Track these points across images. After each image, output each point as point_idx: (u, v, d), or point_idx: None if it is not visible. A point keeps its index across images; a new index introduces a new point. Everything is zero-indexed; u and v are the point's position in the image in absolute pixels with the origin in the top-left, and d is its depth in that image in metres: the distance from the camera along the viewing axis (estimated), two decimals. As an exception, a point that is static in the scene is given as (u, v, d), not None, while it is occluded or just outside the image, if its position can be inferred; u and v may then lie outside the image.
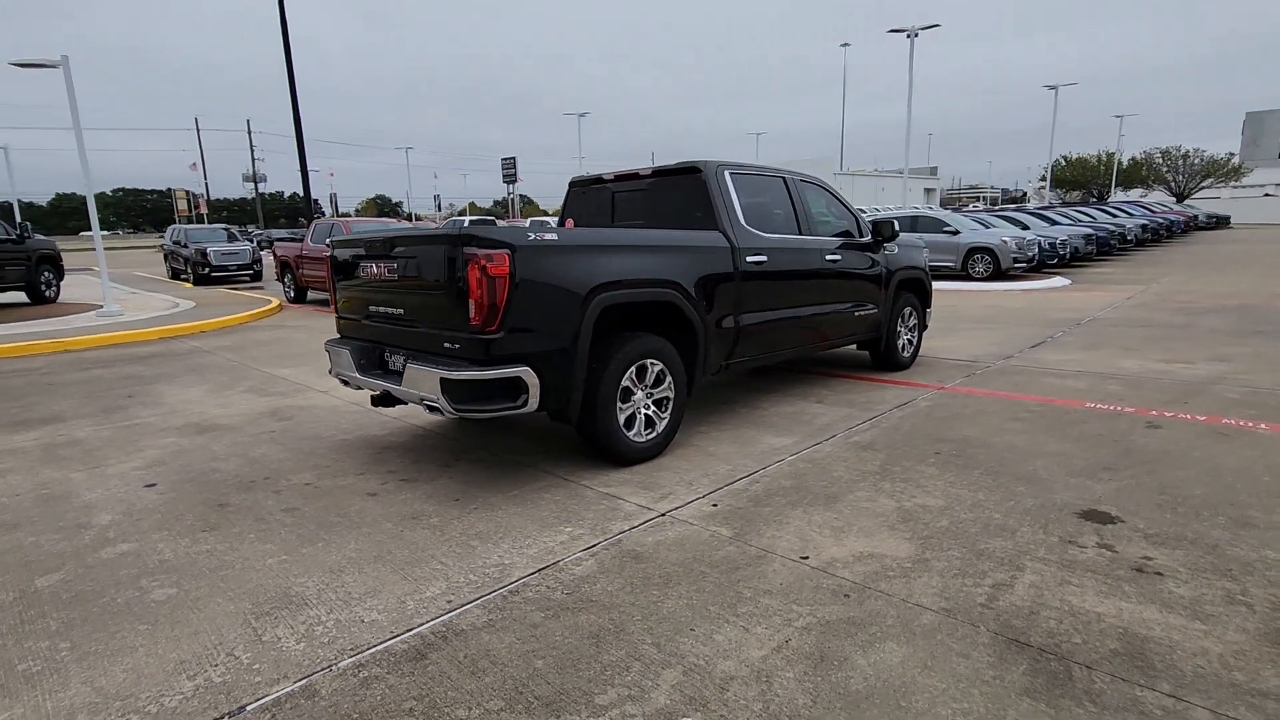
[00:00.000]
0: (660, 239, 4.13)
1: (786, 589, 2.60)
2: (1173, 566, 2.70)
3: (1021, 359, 6.78)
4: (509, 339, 3.35)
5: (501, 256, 3.27)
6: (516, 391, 3.40)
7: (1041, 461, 3.91)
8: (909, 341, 6.51)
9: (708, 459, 4.09)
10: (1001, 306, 10.95)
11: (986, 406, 5.09)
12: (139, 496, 3.69)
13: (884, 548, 2.92)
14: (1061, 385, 5.67)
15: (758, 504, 3.41)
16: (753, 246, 4.64)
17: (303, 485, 3.80)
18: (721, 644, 2.26)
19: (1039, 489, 3.51)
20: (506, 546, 3.00)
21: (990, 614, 2.40)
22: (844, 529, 3.10)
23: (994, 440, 4.30)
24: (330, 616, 2.48)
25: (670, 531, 3.12)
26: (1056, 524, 3.11)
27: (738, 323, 4.55)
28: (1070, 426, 4.54)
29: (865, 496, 3.46)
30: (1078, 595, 2.51)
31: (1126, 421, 4.63)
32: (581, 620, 2.42)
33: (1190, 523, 3.08)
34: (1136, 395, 5.28)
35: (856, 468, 3.88)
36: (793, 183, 5.26)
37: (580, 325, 3.56)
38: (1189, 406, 4.93)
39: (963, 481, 3.63)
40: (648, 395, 4.04)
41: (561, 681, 2.09)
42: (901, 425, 4.67)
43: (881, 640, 2.27)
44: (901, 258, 6.22)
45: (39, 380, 6.86)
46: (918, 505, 3.35)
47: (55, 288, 13.79)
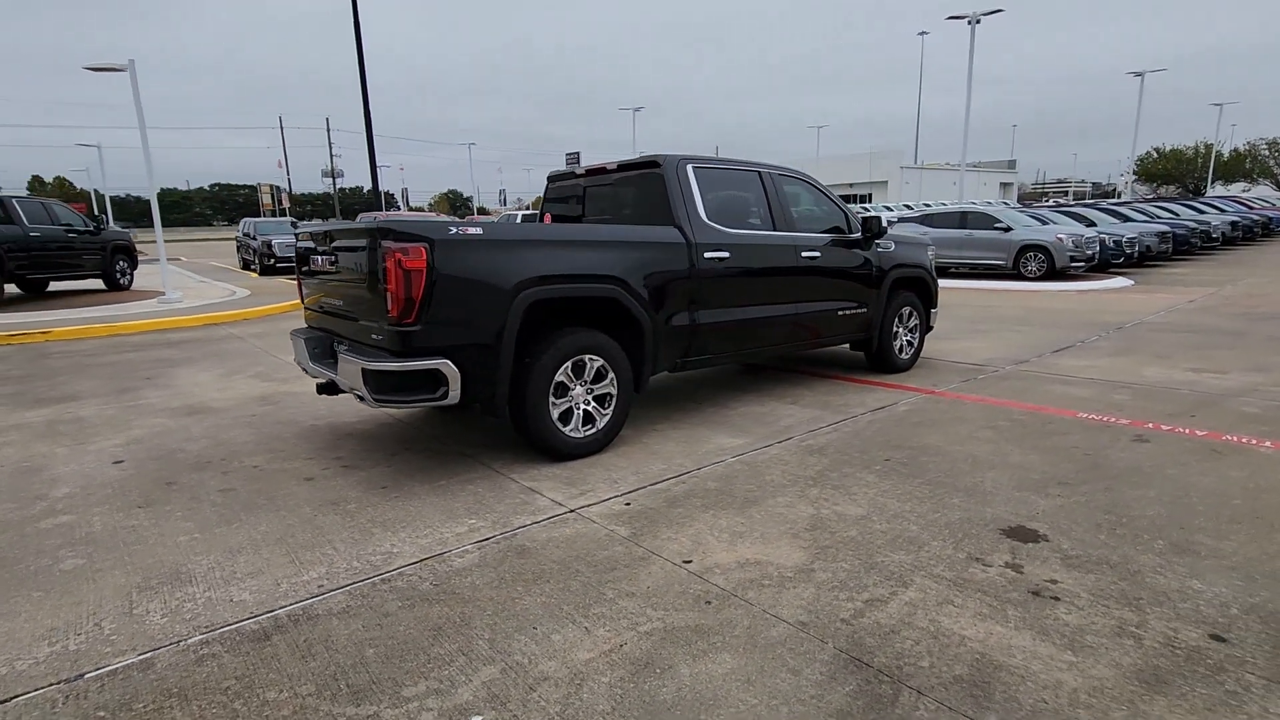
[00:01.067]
0: (600, 234, 4.09)
1: (651, 592, 2.55)
2: (1075, 591, 2.50)
3: (1036, 364, 6.40)
4: (427, 331, 3.40)
5: (418, 250, 3.32)
6: (436, 384, 3.44)
7: (995, 473, 3.68)
8: (908, 343, 6.24)
9: (648, 457, 4.04)
10: (1044, 308, 10.35)
11: (967, 413, 4.83)
12: (103, 472, 3.94)
13: (775, 555, 2.82)
14: (1063, 393, 5.32)
15: (672, 505, 3.35)
16: (713, 243, 4.54)
17: (250, 468, 3.97)
18: (555, 644, 2.24)
19: (975, 502, 3.31)
20: (404, 535, 3.06)
21: (847, 630, 2.29)
22: (744, 535, 3.01)
23: (955, 449, 4.08)
24: (205, 594, 2.59)
25: (569, 528, 3.10)
26: (972, 540, 2.92)
27: (694, 320, 4.47)
28: (1047, 437, 4.26)
29: (785, 502, 3.35)
30: (953, 616, 2.36)
31: (1112, 434, 4.30)
32: (433, 612, 2.44)
33: (1122, 545, 2.84)
34: (1141, 406, 4.90)
35: (794, 472, 3.75)
36: (770, 178, 5.12)
37: (505, 320, 3.58)
38: (1195, 420, 4.54)
39: (897, 491, 3.46)
40: (588, 391, 4.02)
41: (380, 671, 2.12)
42: (865, 430, 4.49)
43: (718, 650, 2.19)
44: (898, 255, 5.96)
45: (79, 361, 7.40)
46: (835, 513, 3.21)
47: (129, 276, 14.82)
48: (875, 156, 46.50)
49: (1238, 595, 2.45)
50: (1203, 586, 2.52)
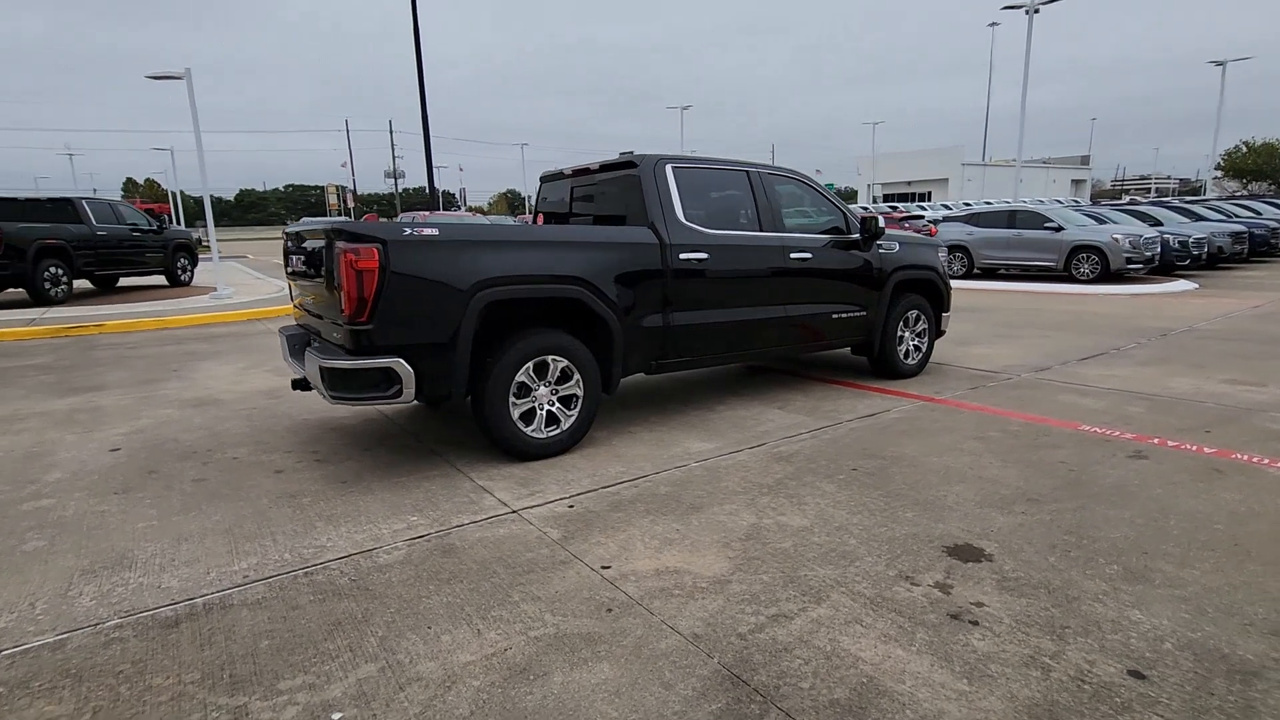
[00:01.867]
0: (564, 235, 4.09)
1: (557, 597, 2.53)
2: (998, 616, 2.36)
3: (1057, 372, 6.07)
4: (380, 330, 3.47)
5: (370, 251, 3.38)
6: (389, 382, 3.51)
7: (963, 487, 3.51)
8: (915, 348, 6.01)
9: (611, 459, 4.02)
10: (1089, 312, 9.82)
11: (960, 423, 4.62)
12: (96, 460, 4.17)
13: (697, 564, 2.76)
14: (1073, 404, 5.03)
15: (615, 509, 3.32)
16: (690, 243, 4.48)
17: (230, 459, 4.14)
18: (442, 645, 2.25)
19: (929, 517, 3.16)
20: (343, 530, 3.12)
21: (739, 646, 2.22)
22: (674, 542, 2.96)
23: (931, 460, 3.91)
24: (138, 580, 2.70)
25: (503, 529, 3.11)
26: (910, 556, 2.79)
27: (668, 322, 4.42)
28: (1036, 450, 4.04)
29: (729, 510, 3.28)
30: (855, 636, 2.26)
31: (1108, 449, 4.04)
32: (340, 607, 2.49)
33: (1070, 569, 2.66)
34: (1153, 420, 4.59)
35: (753, 479, 3.67)
36: (758, 177, 5.01)
37: (461, 320, 3.61)
38: (1208, 436, 4.23)
39: (852, 502, 3.34)
40: (553, 392, 4.03)
41: (266, 663, 2.17)
42: (845, 438, 4.35)
43: (600, 660, 2.16)
44: (903, 257, 5.75)
45: (121, 353, 7.86)
46: (776, 524, 3.12)
47: (189, 272, 15.65)
48: (935, 153, 44.99)
49: (1178, 628, 2.27)
50: (1142, 617, 2.34)
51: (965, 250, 14.78)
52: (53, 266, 12.00)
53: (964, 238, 14.82)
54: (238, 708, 1.97)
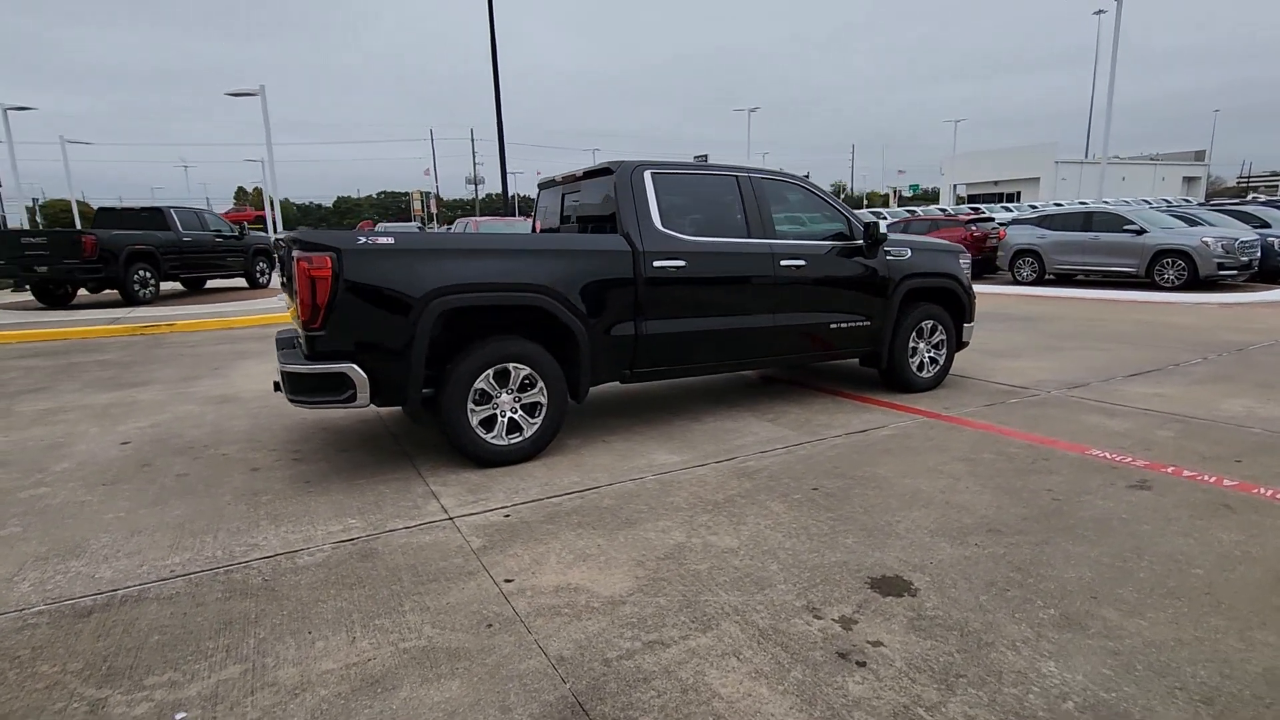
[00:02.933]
0: (527, 243, 4.08)
1: (447, 608, 2.52)
2: (891, 659, 2.17)
3: (1094, 389, 5.60)
4: (334, 336, 3.56)
5: (323, 259, 3.48)
6: (342, 386, 3.60)
7: (923, 513, 3.28)
8: (931, 360, 5.68)
9: (571, 468, 3.98)
10: (1161, 323, 9.02)
11: (955, 442, 4.32)
12: (105, 452, 4.48)
13: (601, 583, 2.68)
14: (1095, 425, 4.61)
15: (549, 520, 3.28)
16: (666, 251, 4.39)
17: (219, 455, 4.36)
18: (313, 651, 2.28)
19: (870, 544, 2.97)
20: (283, 530, 3.22)
21: (599, 672, 2.13)
22: (589, 558, 2.89)
23: (903, 482, 3.67)
24: (79, 568, 2.88)
25: (430, 536, 3.13)
26: (828, 586, 2.62)
27: (641, 331, 4.35)
28: (1026, 476, 3.72)
29: (662, 528, 3.18)
30: (726, 670, 2.13)
31: (1110, 476, 3.68)
32: (239, 607, 2.56)
33: (998, 611, 2.43)
34: (1179, 445, 4.15)
35: (703, 495, 3.55)
36: (749, 182, 4.86)
37: (415, 327, 3.67)
38: (1237, 467, 3.78)
39: (795, 524, 3.18)
40: (516, 399, 4.03)
41: (146, 658, 2.25)
42: (821, 454, 4.15)
43: (454, 677, 2.13)
44: (914, 264, 5.44)
45: (179, 351, 8.45)
46: (704, 543, 3.00)
47: (267, 275, 16.70)
48: (1025, 151, 42.50)
49: (1091, 686, 2.02)
50: (1055, 670, 2.10)
51: (1036, 255, 13.89)
52: (141, 270, 13.04)
53: (1034, 241, 13.93)
54: (98, 700, 2.06)
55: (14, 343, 9.54)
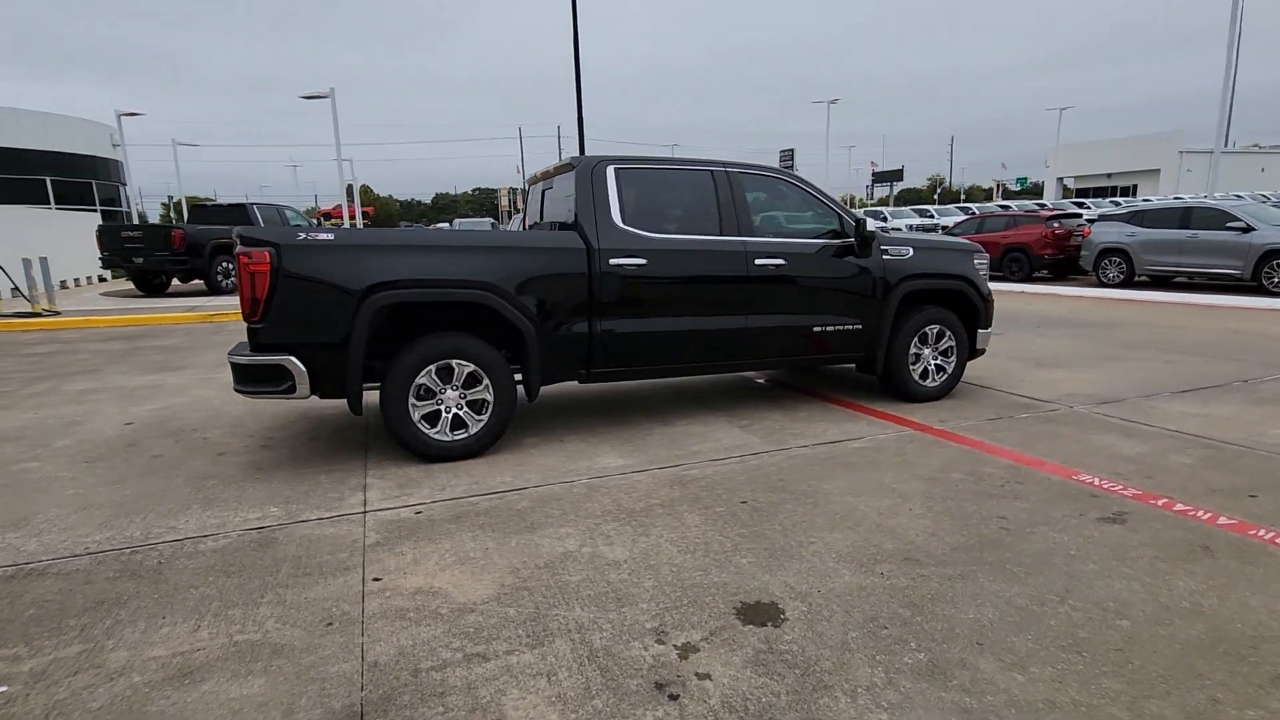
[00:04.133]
0: (472, 239, 4.05)
1: (300, 603, 2.53)
2: (709, 694, 2.00)
3: (1125, 406, 5.03)
4: (274, 329, 3.67)
5: (262, 254, 3.59)
6: (282, 378, 3.70)
7: (844, 535, 3.02)
8: (937, 368, 5.26)
9: (509, 468, 3.94)
10: (1252, 333, 8.03)
11: (927, 459, 3.98)
12: (106, 431, 4.82)
13: (463, 588, 2.62)
14: (1101, 446, 4.14)
15: (455, 519, 3.25)
16: (625, 248, 4.26)
17: (199, 439, 4.60)
18: (155, 637, 2.33)
19: (766, 565, 2.76)
20: (208, 514, 3.35)
21: (402, 682, 2.07)
22: (469, 561, 2.84)
23: (843, 500, 3.41)
24: (13, 540, 3.08)
25: (334, 528, 3.17)
26: (690, 609, 2.45)
27: (595, 330, 4.24)
28: (984, 500, 3.37)
29: (561, 534, 3.08)
30: (528, 692, 2.02)
31: (1081, 507, 3.28)
32: (120, 588, 2.67)
33: (862, 650, 2.19)
34: (1188, 475, 3.66)
35: (623, 504, 3.42)
36: (726, 178, 4.64)
37: (353, 322, 3.72)
38: (1247, 503, 3.29)
39: (699, 539, 3.00)
40: (461, 396, 4.03)
41: (8, 632, 2.37)
42: (774, 464, 3.92)
43: (263, 675, 2.12)
44: (915, 265, 5.05)
45: (231, 338, 9.02)
46: (592, 553, 2.88)
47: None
48: (1144, 141, 38.86)
49: (914, 748, 1.78)
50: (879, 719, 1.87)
51: (1124, 254, 12.70)
52: (225, 262, 14.05)
53: (1123, 240, 12.73)
54: (-55, 668, 2.19)
55: (101, 327, 10.50)
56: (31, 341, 9.22)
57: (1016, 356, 6.97)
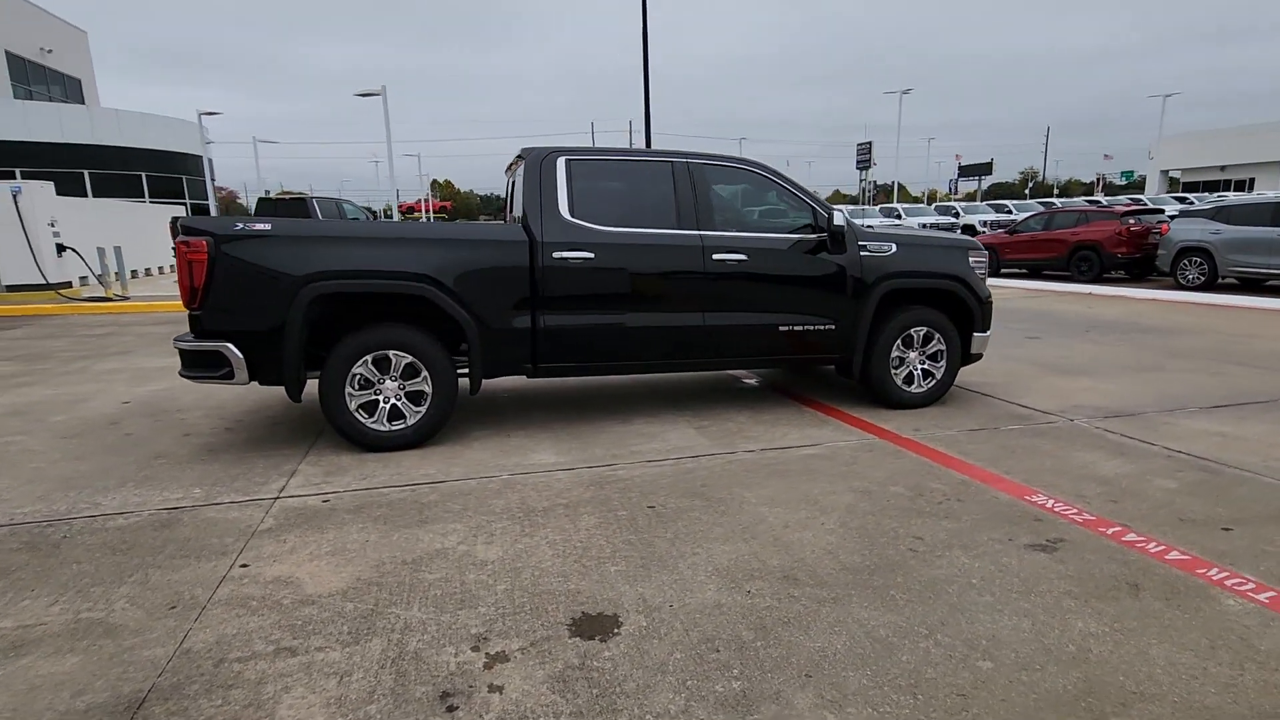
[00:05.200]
0: (411, 231, 4.04)
1: (159, 585, 2.57)
2: (487, 709, 1.90)
3: (1133, 421, 4.56)
4: (212, 316, 3.77)
5: (200, 244, 3.70)
6: (219, 364, 3.81)
7: (734, 548, 2.84)
8: (924, 374, 4.91)
9: (440, 460, 3.93)
10: (1330, 344, 7.15)
11: (872, 469, 3.71)
12: (102, 410, 5.12)
13: (318, 579, 2.61)
14: (1078, 464, 3.76)
15: (355, 510, 3.26)
16: (571, 241, 4.17)
17: (177, 419, 4.82)
18: (13, 610, 2.41)
19: (632, 575, 2.62)
20: (137, 492, 3.48)
21: (200, 671, 2.07)
22: (341, 553, 2.83)
23: (754, 510, 3.22)
24: (-46, 509, 3.31)
25: (238, 512, 3.23)
26: (526, 615, 2.35)
27: (540, 324, 4.17)
28: (909, 518, 3.11)
29: (447, 530, 3.03)
30: (313, 692, 1.98)
31: (1015, 531, 2.97)
32: (13, 559, 2.79)
33: (678, 674, 2.04)
34: (1163, 501, 3.27)
35: (528, 503, 3.34)
36: (685, 169, 4.46)
37: (288, 311, 3.78)
38: (1216, 538, 2.90)
39: (582, 544, 2.89)
40: (400, 387, 4.05)
41: (-103, 593, 2.54)
42: (707, 469, 3.75)
43: (81, 654, 2.17)
44: (898, 262, 4.72)
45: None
46: (467, 553, 2.82)
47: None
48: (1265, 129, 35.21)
49: (666, 788, 1.63)
50: (647, 759, 1.72)
51: (1205, 254, 11.57)
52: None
53: (1205, 238, 11.61)
54: None
55: (160, 312, 11.24)
56: (92, 324, 9.97)
57: (1042, 362, 6.46)
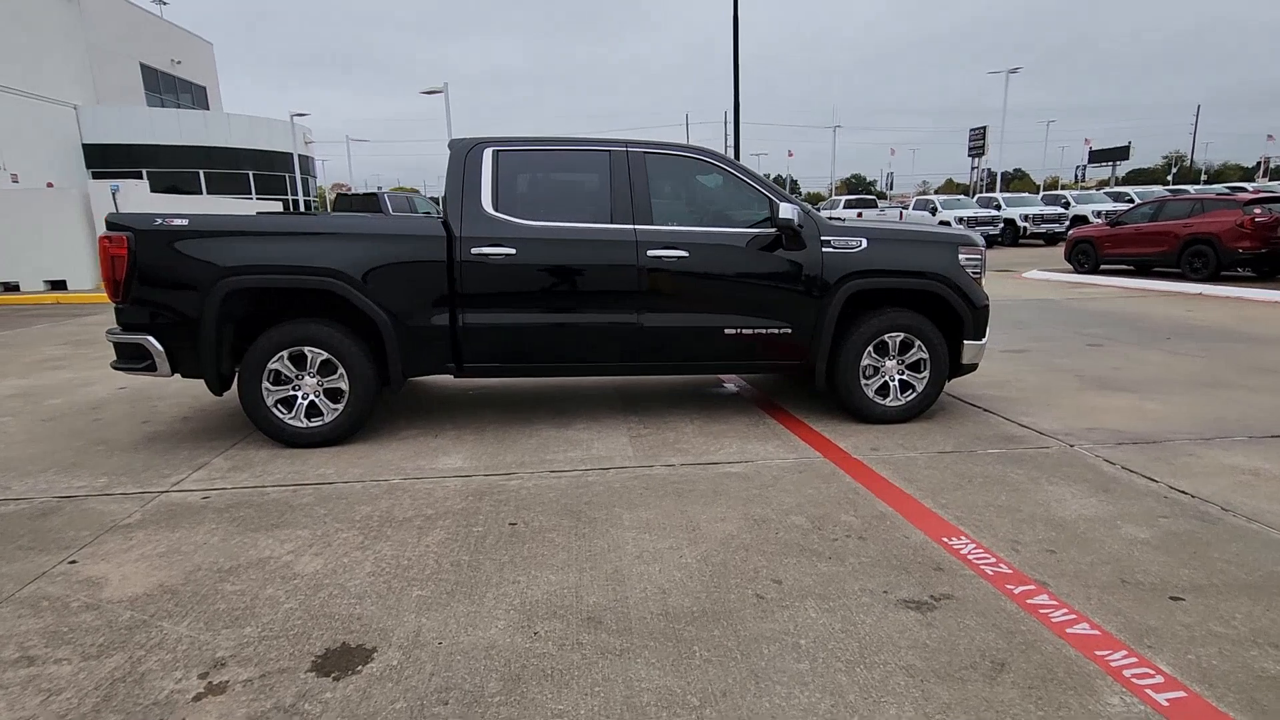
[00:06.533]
0: (324, 225, 3.96)
1: None
2: (152, 750, 1.74)
3: (1150, 450, 3.86)
4: (133, 310, 3.85)
5: (120, 239, 3.78)
6: (142, 356, 3.89)
7: (558, 578, 2.56)
8: (902, 385, 4.37)
9: (347, 460, 3.84)
10: None
11: (787, 495, 3.30)
12: (96, 395, 5.43)
13: (129, 582, 2.55)
14: (1036, 501, 3.19)
15: (226, 508, 3.21)
16: (491, 237, 3.96)
17: (150, 408, 5.01)
18: None
19: (427, 602, 2.40)
20: (56, 478, 3.60)
21: (-65, 674, 2.05)
22: (173, 554, 2.77)
23: (618, 535, 2.91)
24: (-110, 486, 3.55)
25: (118, 505, 3.26)
26: (286, 640, 2.18)
27: (459, 322, 4.00)
28: (787, 556, 2.70)
29: (288, 537, 2.92)
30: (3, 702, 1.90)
31: (901, 581, 2.51)
32: (-108, 539, 2.94)
33: (406, 715, 1.80)
34: (1117, 557, 2.69)
35: (395, 512, 3.18)
36: (624, 158, 4.13)
37: (203, 305, 3.81)
38: (1154, 609, 2.33)
39: (406, 562, 2.70)
40: (319, 383, 4.00)
41: None
42: (602, 484, 3.46)
43: None
44: (869, 259, 4.20)
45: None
46: (288, 564, 2.69)
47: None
48: None
49: None
50: (261, 833, 1.50)
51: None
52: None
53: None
54: None
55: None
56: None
57: (1088, 374, 5.64)
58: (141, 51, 25.80)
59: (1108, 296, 10.96)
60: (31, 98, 19.82)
